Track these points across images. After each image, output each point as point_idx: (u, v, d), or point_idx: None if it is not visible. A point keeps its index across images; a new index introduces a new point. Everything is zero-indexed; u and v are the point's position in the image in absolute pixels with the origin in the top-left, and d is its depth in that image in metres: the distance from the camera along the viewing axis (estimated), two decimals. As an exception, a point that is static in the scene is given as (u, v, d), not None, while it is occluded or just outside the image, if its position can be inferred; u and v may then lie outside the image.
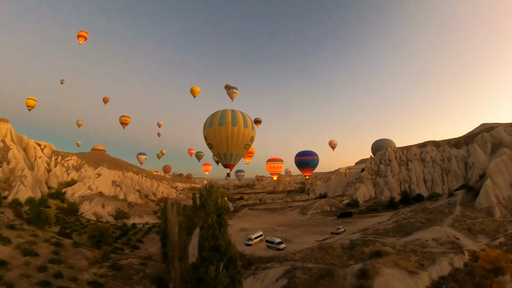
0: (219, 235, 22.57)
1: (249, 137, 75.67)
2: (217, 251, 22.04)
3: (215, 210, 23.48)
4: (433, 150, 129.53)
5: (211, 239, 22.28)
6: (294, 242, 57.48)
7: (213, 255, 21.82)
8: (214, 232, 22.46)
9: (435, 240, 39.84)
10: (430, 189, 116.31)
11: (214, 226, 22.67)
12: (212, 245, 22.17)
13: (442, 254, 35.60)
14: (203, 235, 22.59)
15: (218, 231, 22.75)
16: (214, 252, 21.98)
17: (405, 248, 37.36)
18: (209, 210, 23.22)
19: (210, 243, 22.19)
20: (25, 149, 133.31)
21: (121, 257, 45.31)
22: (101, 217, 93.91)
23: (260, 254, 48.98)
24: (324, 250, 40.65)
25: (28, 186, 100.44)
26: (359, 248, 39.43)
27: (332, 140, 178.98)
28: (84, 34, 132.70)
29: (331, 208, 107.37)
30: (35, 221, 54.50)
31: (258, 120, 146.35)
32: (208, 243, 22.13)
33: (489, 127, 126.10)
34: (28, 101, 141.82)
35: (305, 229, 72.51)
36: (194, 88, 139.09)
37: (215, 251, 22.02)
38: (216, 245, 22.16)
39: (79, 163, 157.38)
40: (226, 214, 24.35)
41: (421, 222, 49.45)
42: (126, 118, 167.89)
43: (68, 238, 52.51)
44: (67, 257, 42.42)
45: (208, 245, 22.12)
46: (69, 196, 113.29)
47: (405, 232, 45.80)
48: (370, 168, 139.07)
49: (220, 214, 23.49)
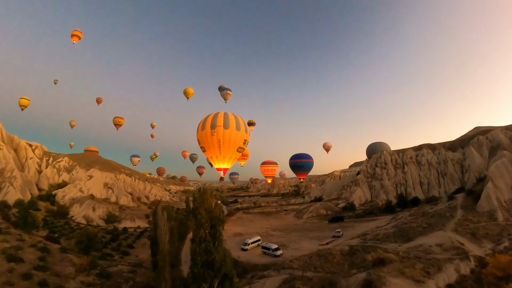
0: (213, 249, 20.35)
1: (242, 140, 75.52)
2: (210, 267, 19.91)
3: (208, 220, 21.21)
4: (429, 153, 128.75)
5: (203, 254, 20.13)
6: (291, 248, 55.66)
7: (206, 271, 19.68)
8: (207, 246, 20.28)
9: (439, 246, 38.34)
10: (427, 192, 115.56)
11: (207, 239, 20.49)
12: (205, 260, 20.01)
13: (447, 260, 34.13)
14: (194, 249, 20.47)
15: (212, 244, 20.55)
16: (207, 268, 19.84)
17: (409, 254, 35.73)
18: (201, 220, 20.98)
19: (202, 258, 20.04)
20: (16, 150, 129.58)
21: (110, 264, 43.10)
22: (92, 221, 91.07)
23: (256, 261, 47.03)
24: (324, 257, 38.80)
25: (17, 187, 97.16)
26: (360, 255, 37.74)
27: (326, 142, 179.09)
28: (78, 34, 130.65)
29: (327, 212, 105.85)
30: (22, 225, 52.15)
31: (252, 123, 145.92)
32: (201, 258, 19.97)
33: (484, 130, 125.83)
34: (21, 101, 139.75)
35: (301, 233, 70.62)
36: (188, 89, 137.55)
37: (208, 267, 19.90)
38: (210, 260, 20.00)
39: (71, 164, 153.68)
40: (222, 225, 21.93)
41: (422, 226, 48.03)
42: (119, 119, 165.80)
43: (56, 243, 50.20)
44: (53, 264, 40.29)
45: (200, 260, 19.95)
46: (60, 198, 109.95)
47: (406, 237, 44.27)
48: (365, 171, 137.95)
49: (214, 225, 21.25)
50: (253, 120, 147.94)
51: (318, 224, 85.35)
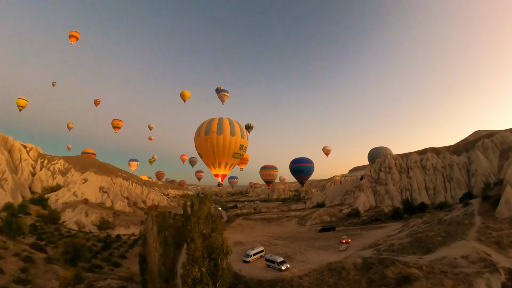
0: None
1: (237, 146, 73.50)
2: None
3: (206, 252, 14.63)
4: (434, 157, 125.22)
5: None
6: (297, 260, 50.85)
7: None
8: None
9: (464, 258, 34.60)
10: (433, 197, 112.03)
11: (203, 280, 13.76)
12: None
13: (476, 274, 30.65)
14: None
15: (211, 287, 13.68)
16: None
17: (434, 269, 31.88)
18: (194, 252, 14.28)
19: None
20: (10, 151, 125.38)
21: (98, 277, 38.82)
22: (84, 227, 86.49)
23: (259, 276, 42.27)
24: (337, 272, 34.72)
25: (7, 190, 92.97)
26: (377, 270, 33.72)
27: (326, 146, 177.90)
28: (75, 34, 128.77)
29: (331, 218, 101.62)
30: (6, 231, 48.11)
31: (250, 126, 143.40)
32: None
33: (487, 133, 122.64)
34: (19, 101, 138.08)
35: (306, 243, 66.06)
36: (184, 92, 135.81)
37: None
38: None
39: (66, 167, 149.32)
40: (226, 258, 15.18)
41: (441, 235, 44.05)
42: (118, 121, 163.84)
43: (42, 252, 45.93)
44: (36, 276, 36.13)
45: None
46: (53, 202, 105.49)
47: (425, 248, 40.32)
48: (369, 176, 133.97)
49: (214, 260, 14.63)
50: (251, 124, 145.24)
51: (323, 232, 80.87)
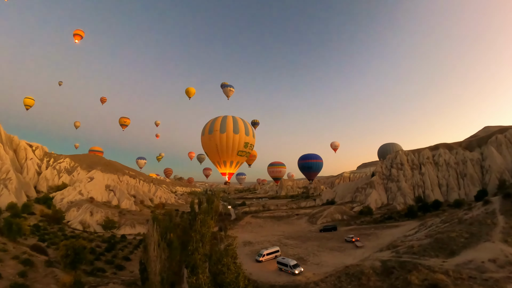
0: None
1: (242, 144, 72.20)
2: None
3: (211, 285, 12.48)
4: (446, 153, 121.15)
5: None
6: (311, 263, 47.90)
7: None
8: None
9: (492, 262, 31.70)
10: (446, 194, 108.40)
11: None
12: None
13: (507, 280, 27.82)
14: None
15: None
16: None
17: (461, 274, 29.05)
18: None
19: None
20: (16, 150, 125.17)
21: (100, 281, 36.78)
22: (88, 227, 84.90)
23: (271, 280, 39.61)
24: (355, 277, 31.99)
25: (12, 190, 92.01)
26: (399, 275, 30.94)
27: (334, 141, 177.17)
28: (80, 33, 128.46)
29: (343, 217, 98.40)
30: (6, 232, 46.47)
31: (256, 122, 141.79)
32: None
33: (499, 129, 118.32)
34: (26, 100, 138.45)
35: (319, 243, 62.89)
36: (189, 89, 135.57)
37: None
38: None
39: (72, 165, 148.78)
40: None
41: (463, 236, 40.84)
42: (125, 119, 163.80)
43: (43, 254, 44.06)
44: (35, 281, 34.07)
45: None
46: (58, 201, 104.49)
47: (449, 251, 37.28)
48: (381, 172, 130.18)
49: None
50: (257, 120, 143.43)
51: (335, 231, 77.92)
